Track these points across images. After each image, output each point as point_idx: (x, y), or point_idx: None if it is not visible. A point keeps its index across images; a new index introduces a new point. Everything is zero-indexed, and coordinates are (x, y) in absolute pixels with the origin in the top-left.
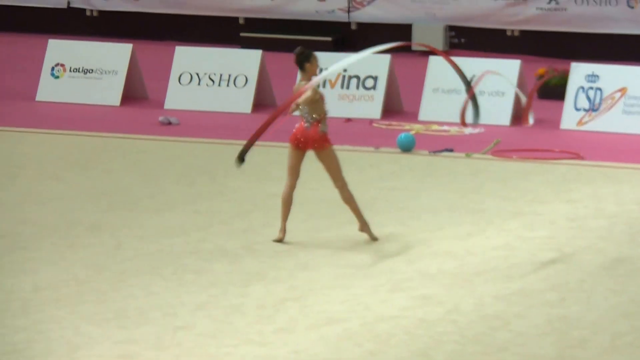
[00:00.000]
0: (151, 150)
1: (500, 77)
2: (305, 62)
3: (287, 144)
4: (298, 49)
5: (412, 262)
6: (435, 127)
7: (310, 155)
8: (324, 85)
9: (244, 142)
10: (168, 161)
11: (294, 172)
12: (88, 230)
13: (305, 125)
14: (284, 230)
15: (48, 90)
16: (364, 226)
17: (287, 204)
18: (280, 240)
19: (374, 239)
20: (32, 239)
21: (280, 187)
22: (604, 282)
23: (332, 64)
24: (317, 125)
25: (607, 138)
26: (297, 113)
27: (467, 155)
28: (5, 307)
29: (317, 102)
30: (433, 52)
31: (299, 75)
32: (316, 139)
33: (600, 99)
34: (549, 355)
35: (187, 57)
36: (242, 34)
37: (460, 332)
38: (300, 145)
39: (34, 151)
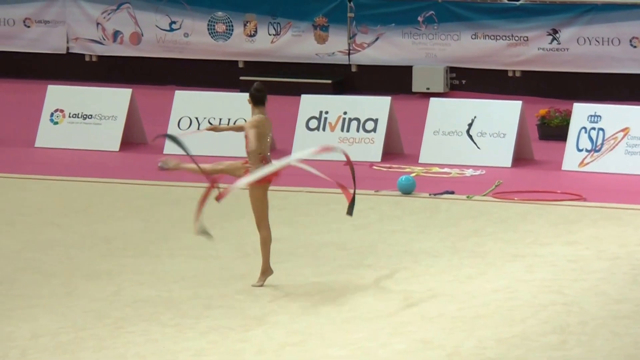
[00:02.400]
0: (151, 196)
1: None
2: None
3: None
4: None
5: (412, 306)
6: (435, 169)
7: (318, 202)
8: (324, 128)
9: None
10: (168, 206)
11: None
12: (87, 277)
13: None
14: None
15: (47, 136)
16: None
17: None
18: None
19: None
20: (30, 286)
21: (281, 231)
22: (605, 325)
23: (333, 106)
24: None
25: (609, 179)
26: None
27: (468, 198)
28: (3, 354)
29: None
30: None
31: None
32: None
33: (603, 140)
34: None
35: (186, 101)
36: (241, 78)
37: None
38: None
39: (33, 197)
